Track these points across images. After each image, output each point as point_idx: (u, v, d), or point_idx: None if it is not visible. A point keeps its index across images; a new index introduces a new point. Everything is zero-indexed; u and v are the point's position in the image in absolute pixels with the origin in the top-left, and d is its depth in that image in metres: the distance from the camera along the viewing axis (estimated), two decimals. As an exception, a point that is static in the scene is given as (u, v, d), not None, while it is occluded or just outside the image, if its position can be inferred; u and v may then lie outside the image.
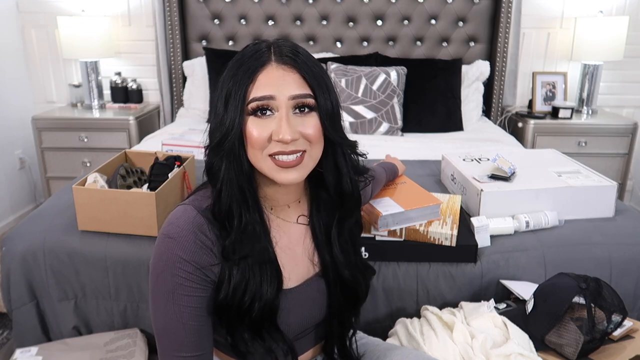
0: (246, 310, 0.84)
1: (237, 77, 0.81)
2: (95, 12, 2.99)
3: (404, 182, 1.50)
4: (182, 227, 0.82)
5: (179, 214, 0.84)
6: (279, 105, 0.80)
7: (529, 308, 1.22)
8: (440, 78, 2.77)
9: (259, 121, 0.81)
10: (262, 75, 0.81)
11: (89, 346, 1.38)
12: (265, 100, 0.80)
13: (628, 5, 2.96)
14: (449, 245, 1.36)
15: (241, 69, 0.82)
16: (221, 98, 0.83)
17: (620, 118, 2.90)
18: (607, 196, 1.56)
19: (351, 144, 0.91)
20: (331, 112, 0.84)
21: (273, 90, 0.80)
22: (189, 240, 0.81)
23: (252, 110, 0.81)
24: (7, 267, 1.45)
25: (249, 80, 0.81)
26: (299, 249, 0.95)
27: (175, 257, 0.80)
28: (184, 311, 0.82)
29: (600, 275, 1.25)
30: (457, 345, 1.14)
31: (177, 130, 2.48)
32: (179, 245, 0.80)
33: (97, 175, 1.49)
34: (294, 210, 0.95)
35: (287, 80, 0.81)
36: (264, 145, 0.81)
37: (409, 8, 2.92)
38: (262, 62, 0.81)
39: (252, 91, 0.80)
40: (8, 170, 2.94)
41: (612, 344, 1.18)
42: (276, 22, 2.96)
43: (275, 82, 0.80)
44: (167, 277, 0.81)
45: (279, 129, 0.79)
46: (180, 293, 0.81)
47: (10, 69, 2.96)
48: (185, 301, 0.81)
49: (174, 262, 0.80)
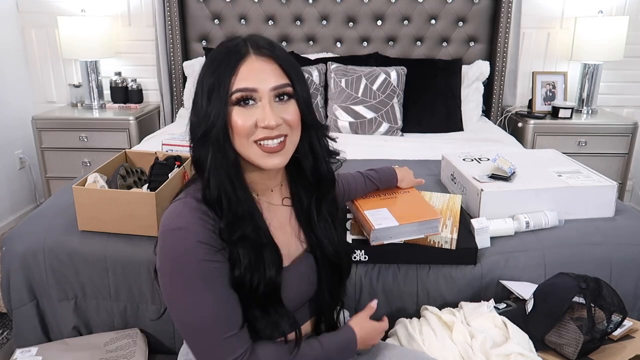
0: (255, 289, 0.88)
1: (219, 71, 0.86)
2: (95, 12, 2.99)
3: (407, 191, 1.43)
4: (188, 216, 0.85)
5: (180, 208, 0.87)
6: (261, 95, 0.86)
7: (529, 308, 1.22)
8: (440, 78, 2.77)
9: (243, 110, 0.86)
10: (243, 67, 0.86)
11: (89, 346, 1.38)
12: (248, 92, 0.85)
13: (628, 5, 2.96)
14: (449, 249, 1.36)
15: (222, 63, 0.87)
16: (203, 92, 0.87)
17: (620, 118, 2.90)
18: (607, 196, 1.56)
19: (325, 128, 0.99)
20: (307, 99, 0.92)
21: (255, 83, 0.85)
22: (199, 225, 0.85)
23: (236, 101, 0.86)
24: (7, 267, 1.45)
25: (231, 73, 0.85)
26: (288, 229, 1.01)
27: (194, 243, 0.83)
28: (221, 291, 0.86)
29: (600, 275, 1.25)
30: (456, 345, 1.14)
31: (177, 130, 2.47)
32: (192, 233, 0.84)
33: (97, 175, 1.49)
34: (278, 193, 1.01)
35: (267, 71, 0.87)
36: (250, 133, 0.87)
37: (409, 8, 2.91)
38: (242, 55, 0.87)
39: (235, 83, 0.85)
40: (8, 170, 2.94)
41: (612, 344, 1.18)
42: (276, 22, 2.96)
43: (256, 74, 0.86)
44: (193, 265, 0.83)
45: (265, 116, 0.85)
46: (211, 275, 0.85)
47: (10, 69, 2.96)
48: (219, 282, 0.85)
49: (195, 248, 0.83)
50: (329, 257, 1.01)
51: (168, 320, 1.45)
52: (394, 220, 1.23)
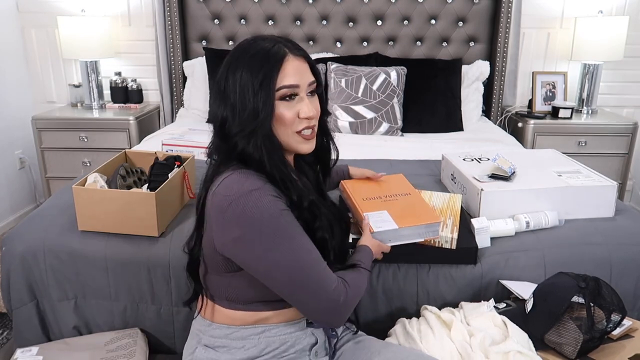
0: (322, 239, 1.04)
1: (265, 69, 0.96)
2: (95, 12, 2.99)
3: (408, 193, 1.39)
4: (255, 180, 0.95)
5: (242, 176, 0.96)
6: (300, 90, 1.00)
7: (529, 307, 1.22)
8: (440, 78, 2.77)
9: (288, 104, 0.99)
10: (286, 65, 0.98)
11: (89, 346, 1.38)
12: (293, 88, 0.99)
13: (628, 5, 2.96)
14: (449, 248, 1.36)
15: (265, 61, 0.97)
16: (247, 89, 0.96)
17: (620, 118, 2.90)
18: (607, 196, 1.56)
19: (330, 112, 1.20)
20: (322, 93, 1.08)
21: (297, 80, 0.99)
22: (269, 187, 0.96)
23: (282, 96, 0.98)
24: (7, 267, 1.45)
25: (278, 70, 0.97)
26: None
27: (272, 198, 0.94)
28: (303, 232, 0.97)
29: (600, 275, 1.25)
30: (454, 343, 1.14)
31: (177, 130, 2.47)
32: (267, 192, 0.94)
33: (97, 175, 1.49)
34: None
35: (304, 70, 1.01)
36: (293, 123, 1.00)
37: (409, 8, 2.92)
38: (283, 54, 0.98)
39: (280, 80, 0.97)
40: (8, 170, 2.94)
41: (611, 343, 1.18)
42: (276, 22, 2.96)
43: (297, 72, 0.99)
44: (279, 215, 0.94)
45: (307, 108, 1.00)
46: (294, 221, 0.96)
47: (10, 69, 2.96)
48: (299, 226, 0.97)
49: (275, 201, 0.94)
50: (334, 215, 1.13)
51: (168, 320, 1.45)
52: (394, 223, 1.24)
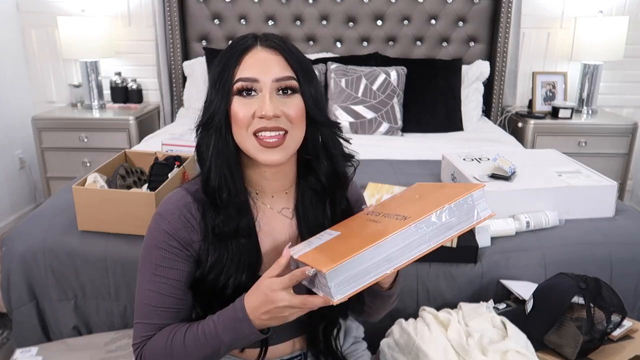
0: (220, 289, 0.87)
1: (224, 60, 0.87)
2: (95, 12, 2.98)
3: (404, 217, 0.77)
4: (170, 204, 0.90)
5: (171, 195, 0.92)
6: (262, 86, 0.84)
7: (529, 308, 1.22)
8: (440, 78, 2.77)
9: (244, 101, 0.85)
10: (248, 57, 0.86)
11: (89, 346, 1.38)
12: (249, 82, 0.84)
13: (628, 5, 2.95)
14: (450, 246, 1.36)
15: (228, 53, 0.88)
16: (210, 82, 0.89)
17: (620, 118, 2.90)
18: (607, 196, 1.56)
19: (336, 125, 0.93)
20: (315, 94, 0.88)
21: (257, 73, 0.84)
22: (174, 216, 0.89)
23: (238, 91, 0.85)
24: (7, 267, 1.45)
25: (236, 62, 0.86)
26: (281, 239, 0.94)
27: (161, 231, 0.88)
28: (164, 282, 0.88)
29: (600, 275, 1.25)
30: (450, 341, 1.14)
31: (177, 130, 2.48)
32: (165, 221, 0.89)
33: (97, 175, 1.49)
34: (279, 200, 0.95)
35: (271, 63, 0.85)
36: (249, 123, 0.85)
37: (409, 8, 2.91)
38: (248, 46, 0.87)
39: (238, 72, 0.85)
40: (8, 170, 2.94)
41: (611, 344, 1.18)
42: (276, 22, 2.96)
43: (260, 64, 0.85)
44: (154, 250, 0.89)
45: (263, 104, 0.83)
46: (163, 266, 0.88)
47: (10, 69, 2.96)
48: (167, 273, 0.88)
49: (160, 236, 0.88)
50: None
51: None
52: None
